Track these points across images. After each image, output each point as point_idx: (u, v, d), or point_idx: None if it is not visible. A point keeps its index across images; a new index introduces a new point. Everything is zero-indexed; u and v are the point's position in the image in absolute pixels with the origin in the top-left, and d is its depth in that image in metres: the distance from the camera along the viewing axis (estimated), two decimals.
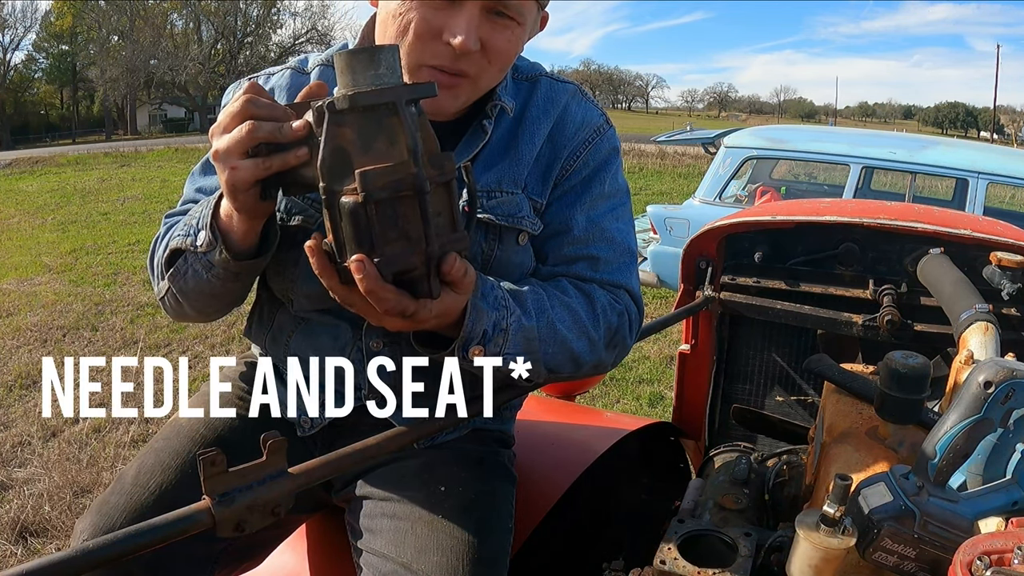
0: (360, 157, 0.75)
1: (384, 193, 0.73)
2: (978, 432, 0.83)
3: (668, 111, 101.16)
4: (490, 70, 0.97)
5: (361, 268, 0.74)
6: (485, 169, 1.04)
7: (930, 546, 0.82)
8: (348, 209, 0.74)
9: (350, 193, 0.74)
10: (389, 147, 0.75)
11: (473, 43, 0.91)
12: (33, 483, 2.99)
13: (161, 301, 1.07)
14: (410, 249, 0.76)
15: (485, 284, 0.91)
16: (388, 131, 0.75)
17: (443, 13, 0.91)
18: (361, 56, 0.75)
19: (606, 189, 1.10)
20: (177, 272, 0.99)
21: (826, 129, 9.39)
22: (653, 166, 15.17)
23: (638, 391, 4.08)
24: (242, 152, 0.82)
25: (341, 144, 0.75)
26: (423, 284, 0.79)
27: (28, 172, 15.86)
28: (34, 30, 46.55)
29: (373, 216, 0.74)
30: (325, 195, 0.76)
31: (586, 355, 1.03)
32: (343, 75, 0.76)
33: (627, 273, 1.11)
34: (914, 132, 28.20)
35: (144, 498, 1.00)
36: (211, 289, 0.98)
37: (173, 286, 1.01)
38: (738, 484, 1.38)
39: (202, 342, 4.82)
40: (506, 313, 0.92)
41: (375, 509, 1.09)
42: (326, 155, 0.76)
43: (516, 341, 0.94)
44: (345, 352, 1.09)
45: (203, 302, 1.03)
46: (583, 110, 1.11)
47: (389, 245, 0.75)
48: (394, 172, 0.73)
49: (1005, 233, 1.45)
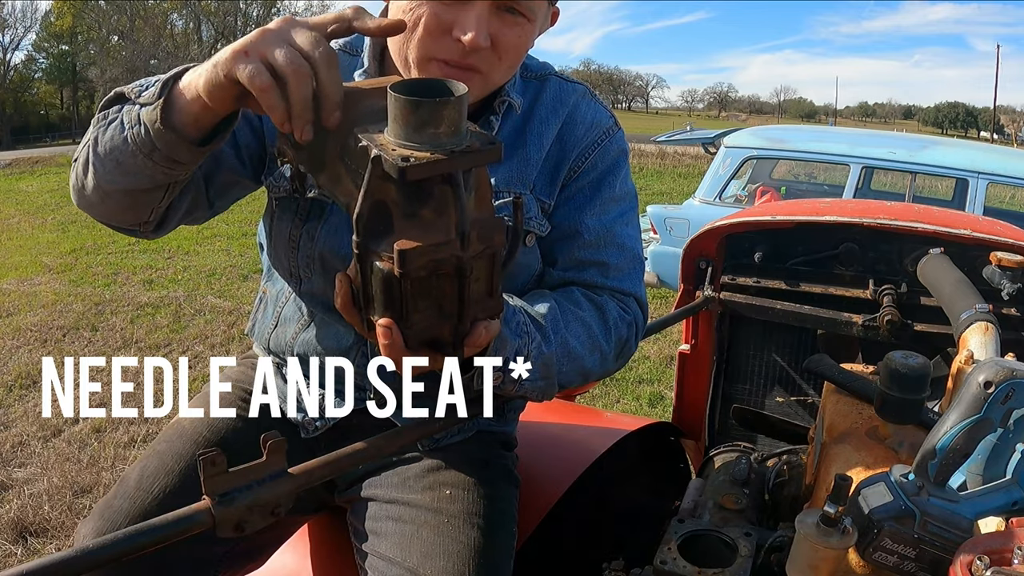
0: (402, 222, 0.68)
1: (422, 273, 0.68)
2: (978, 432, 0.83)
3: (668, 111, 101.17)
4: (500, 66, 0.96)
5: (388, 335, 0.71)
6: (493, 168, 1.03)
7: (930, 546, 0.82)
8: (382, 276, 0.68)
9: (386, 260, 0.67)
10: (436, 218, 0.68)
11: (483, 39, 0.90)
12: (33, 483, 2.99)
13: (71, 170, 0.95)
14: (441, 321, 0.72)
15: (507, 309, 0.90)
16: (438, 202, 0.68)
17: (454, 8, 0.90)
18: (420, 111, 0.66)
19: (616, 192, 1.10)
20: (104, 118, 0.87)
21: (826, 129, 9.39)
22: (653, 166, 15.16)
23: (638, 391, 4.08)
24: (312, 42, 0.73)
25: (383, 200, 0.68)
26: (448, 348, 0.76)
27: (28, 172, 15.85)
28: (34, 30, 46.61)
29: (407, 290, 0.69)
30: (358, 250, 0.69)
31: (596, 369, 1.03)
32: (396, 122, 0.67)
33: (636, 281, 1.10)
34: (914, 132, 28.20)
35: (148, 502, 1.00)
36: (122, 156, 0.85)
37: (91, 138, 0.88)
38: (738, 484, 1.38)
39: (202, 342, 4.82)
40: (527, 340, 0.92)
41: (380, 511, 1.09)
42: (364, 209, 0.67)
43: (535, 368, 0.93)
44: (349, 352, 1.09)
45: (107, 175, 0.88)
46: (593, 111, 1.10)
47: (419, 314, 0.71)
48: (436, 251, 0.67)
49: (1005, 233, 1.45)
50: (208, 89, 0.76)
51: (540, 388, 0.96)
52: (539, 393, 0.97)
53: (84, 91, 48.43)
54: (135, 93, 0.85)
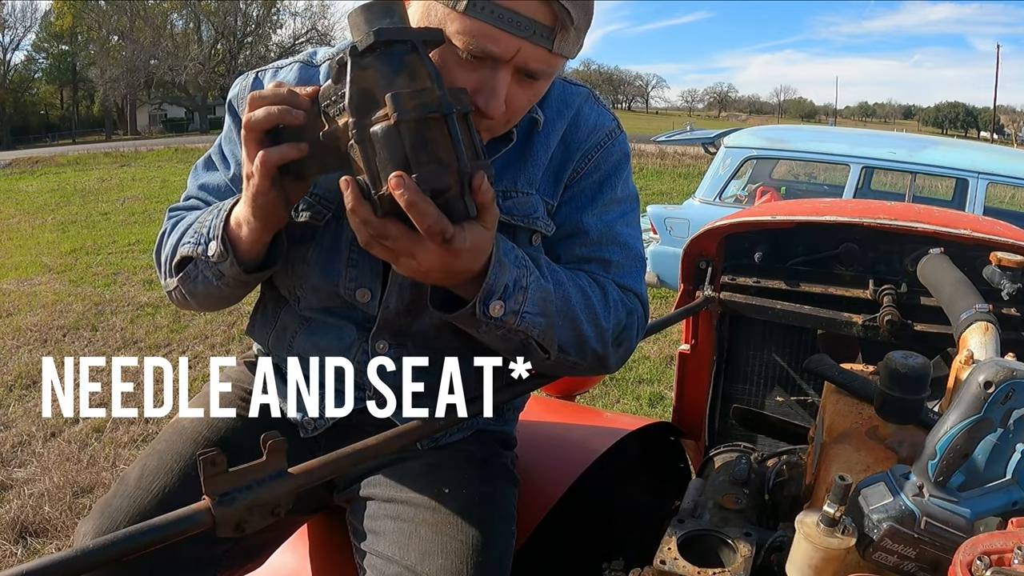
0: (386, 91, 0.78)
1: (414, 114, 0.76)
2: (978, 432, 0.83)
3: (668, 111, 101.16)
4: (506, 125, 0.99)
5: (401, 183, 0.75)
6: (501, 169, 1.04)
7: (930, 546, 0.82)
8: (382, 134, 0.77)
9: (380, 120, 0.78)
10: (411, 81, 0.79)
11: (501, 108, 0.91)
12: (33, 483, 2.99)
13: (168, 294, 1.11)
14: (443, 169, 0.78)
15: (506, 243, 0.92)
16: (409, 68, 0.79)
17: (475, 74, 0.89)
18: (375, 8, 0.81)
19: (618, 194, 1.10)
20: (187, 276, 1.03)
21: (826, 129, 9.39)
22: (653, 166, 15.16)
23: (638, 391, 4.08)
24: (259, 138, 0.87)
25: (366, 85, 0.79)
26: (459, 204, 0.80)
27: (28, 172, 15.86)
28: (34, 30, 46.60)
29: (406, 137, 0.77)
30: (355, 130, 0.79)
31: (593, 341, 1.01)
32: (359, 27, 0.80)
33: (637, 278, 1.11)
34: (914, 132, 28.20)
35: (147, 501, 1.00)
36: (220, 293, 1.03)
37: (183, 287, 1.05)
38: (738, 484, 1.38)
39: (202, 342, 4.82)
40: (526, 271, 0.93)
41: (378, 510, 1.09)
42: (353, 95, 0.80)
43: (534, 300, 0.93)
44: (349, 353, 1.09)
45: (211, 302, 1.08)
46: (596, 113, 1.11)
47: (423, 167, 0.77)
48: (421, 95, 0.77)
49: (1005, 233, 1.45)
50: (254, 214, 0.91)
51: (541, 326, 0.95)
52: (539, 332, 0.95)
53: (84, 91, 48.48)
54: (200, 254, 0.98)
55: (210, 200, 1.09)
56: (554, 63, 0.92)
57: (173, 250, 1.04)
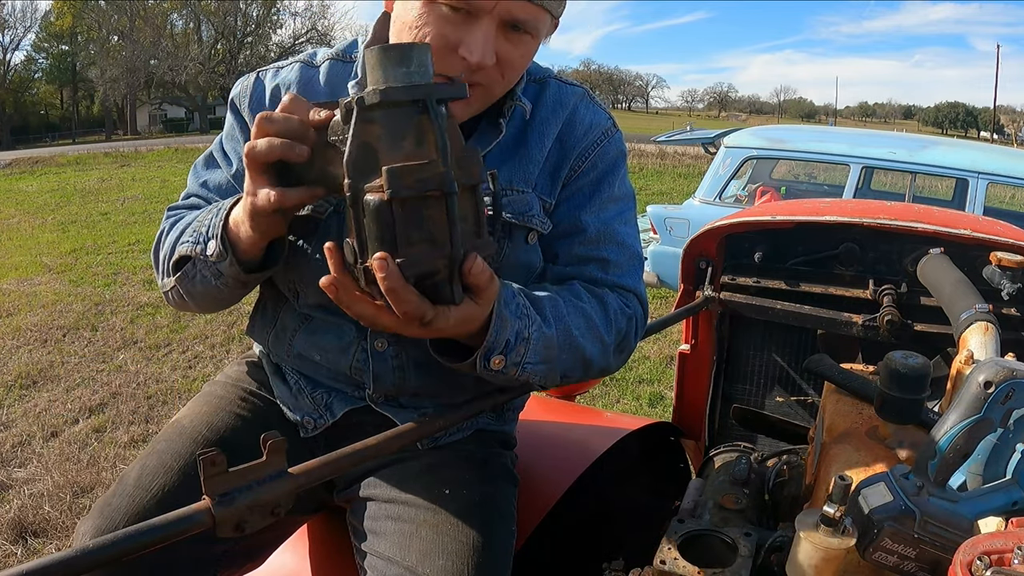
0: (387, 154, 0.74)
1: (410, 191, 0.71)
2: (978, 432, 0.83)
3: (668, 111, 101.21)
4: (502, 81, 0.98)
5: (384, 266, 0.72)
6: (496, 167, 1.04)
7: (930, 546, 0.82)
8: (373, 207, 0.73)
9: (375, 191, 0.73)
10: (417, 146, 0.73)
11: (489, 59, 0.92)
12: (33, 483, 2.99)
13: (165, 295, 1.09)
14: (434, 252, 0.74)
15: (507, 291, 0.90)
16: (417, 129, 0.74)
17: (460, 28, 0.91)
18: (393, 53, 0.74)
19: (615, 192, 1.11)
20: (185, 276, 1.01)
21: (826, 129, 9.38)
22: (653, 166, 15.16)
23: (638, 391, 4.08)
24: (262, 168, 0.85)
25: (368, 141, 0.74)
26: (445, 289, 0.77)
27: (28, 172, 15.85)
28: (34, 30, 46.63)
29: (398, 215, 0.72)
30: (349, 192, 0.74)
31: (598, 360, 1.03)
32: (373, 71, 0.74)
33: (636, 277, 1.11)
34: (914, 132, 28.18)
35: (146, 500, 1.00)
36: (218, 294, 1.01)
37: (180, 287, 1.04)
38: (738, 484, 1.38)
39: (202, 342, 4.82)
40: (528, 322, 0.92)
41: (378, 511, 1.09)
42: (353, 150, 0.75)
43: (536, 350, 0.93)
44: (349, 351, 1.09)
45: (209, 303, 1.06)
46: (591, 113, 1.12)
47: (413, 247, 0.73)
48: (422, 171, 0.72)
49: (1005, 233, 1.45)
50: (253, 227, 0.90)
51: (542, 372, 0.95)
52: (541, 378, 0.96)
53: (84, 91, 48.48)
54: (199, 253, 0.97)
55: (212, 198, 1.09)
56: (539, 16, 0.94)
57: (171, 249, 1.03)
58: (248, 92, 1.09)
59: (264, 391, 1.19)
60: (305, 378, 1.15)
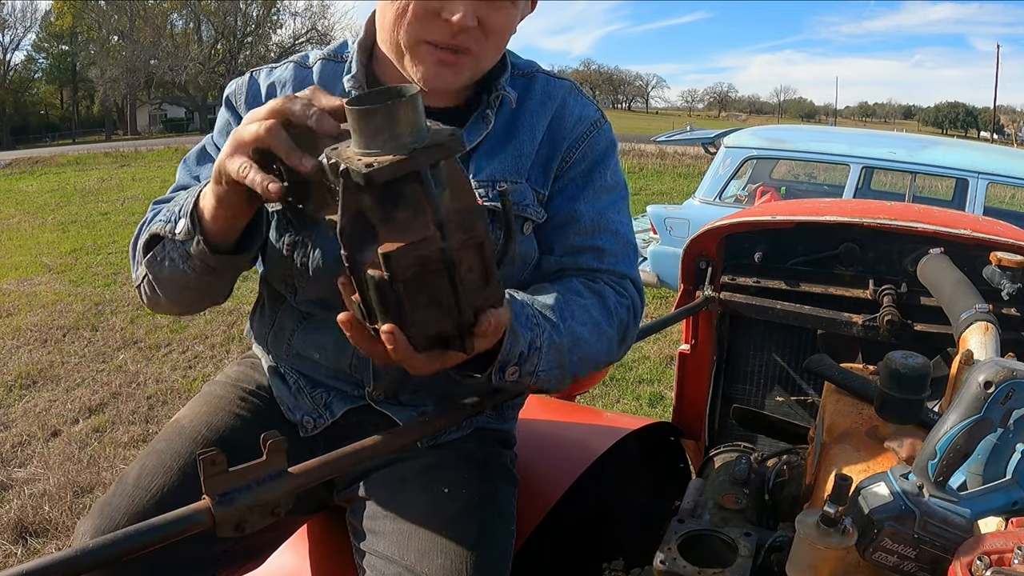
0: (382, 227, 0.69)
1: (410, 272, 0.68)
2: (978, 432, 0.83)
3: (668, 111, 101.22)
4: (489, 47, 1.00)
5: (392, 339, 0.72)
6: (489, 159, 1.06)
7: (930, 546, 0.82)
8: (374, 283, 0.70)
9: (375, 267, 0.69)
10: (413, 219, 0.69)
11: (471, 19, 0.94)
12: (33, 483, 2.99)
13: (138, 289, 1.05)
14: (441, 315, 0.73)
15: (516, 303, 0.91)
16: (411, 201, 0.69)
17: None
18: (375, 118, 0.67)
19: (607, 182, 1.12)
20: (154, 259, 0.97)
21: (826, 129, 9.38)
22: (653, 166, 15.16)
23: (638, 391, 4.08)
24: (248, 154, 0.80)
25: (361, 210, 0.70)
26: (456, 343, 0.77)
27: (28, 172, 15.85)
28: (34, 30, 46.60)
29: (401, 291, 0.70)
30: (348, 263, 0.71)
31: (604, 355, 1.04)
32: (357, 134, 0.69)
33: (631, 264, 1.13)
34: (914, 132, 28.20)
35: (146, 500, 1.00)
36: (186, 280, 0.96)
37: (150, 272, 0.99)
38: (738, 484, 1.38)
39: (202, 342, 4.82)
40: (539, 331, 0.93)
41: (377, 510, 1.09)
42: (345, 224, 0.70)
43: (549, 357, 0.94)
44: (348, 349, 1.09)
45: (177, 293, 1.00)
46: (580, 105, 1.14)
47: (419, 312, 0.72)
48: (419, 249, 0.68)
49: (1005, 233, 1.45)
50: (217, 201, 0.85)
51: (555, 377, 0.97)
52: (555, 383, 0.99)
53: (84, 91, 48.49)
54: (168, 232, 0.93)
55: None
56: None
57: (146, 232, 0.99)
58: (244, 89, 1.10)
59: (264, 391, 1.19)
60: (304, 377, 1.15)
